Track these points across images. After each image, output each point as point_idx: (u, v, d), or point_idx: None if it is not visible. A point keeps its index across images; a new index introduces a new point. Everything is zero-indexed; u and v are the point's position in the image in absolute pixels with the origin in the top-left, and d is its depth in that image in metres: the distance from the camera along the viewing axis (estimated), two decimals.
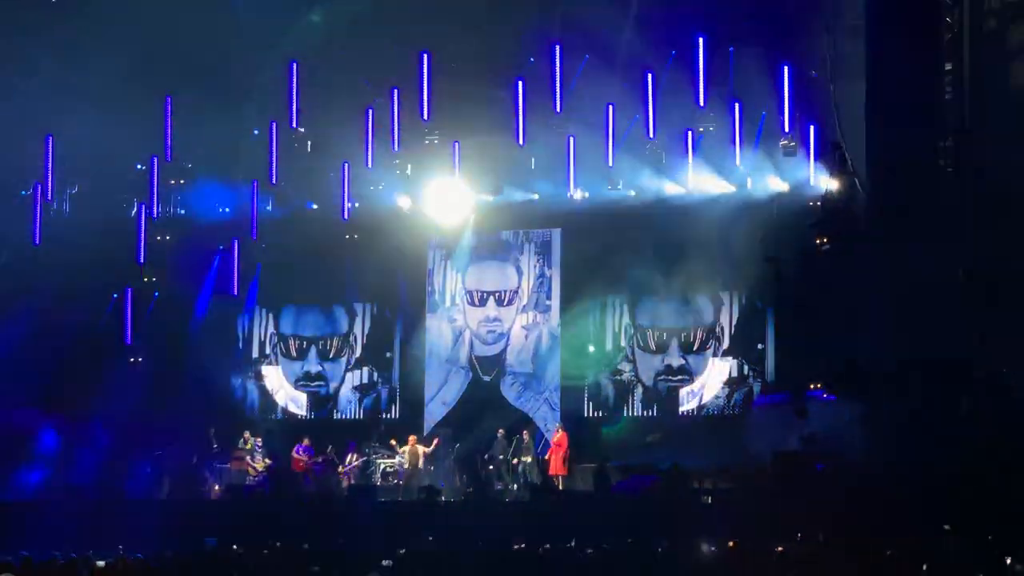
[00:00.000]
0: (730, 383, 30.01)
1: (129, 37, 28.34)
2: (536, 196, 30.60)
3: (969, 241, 23.22)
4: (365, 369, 32.69)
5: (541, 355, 31.25)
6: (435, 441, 29.81)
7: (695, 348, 30.36)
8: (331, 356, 32.92)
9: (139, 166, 31.13)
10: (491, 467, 29.23)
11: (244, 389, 33.19)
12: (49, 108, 29.80)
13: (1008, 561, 15.78)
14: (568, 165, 29.55)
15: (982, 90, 24.18)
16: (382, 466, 29.77)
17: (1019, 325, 23.49)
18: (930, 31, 23.67)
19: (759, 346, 29.90)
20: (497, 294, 31.75)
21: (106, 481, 29.72)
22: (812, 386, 27.20)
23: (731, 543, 19.43)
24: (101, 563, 17.47)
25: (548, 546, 20.81)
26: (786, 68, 26.66)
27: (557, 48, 27.66)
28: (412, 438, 29.54)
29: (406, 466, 29.13)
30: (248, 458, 30.14)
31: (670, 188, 29.36)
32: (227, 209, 31.68)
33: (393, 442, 29.92)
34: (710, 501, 25.73)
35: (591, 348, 30.98)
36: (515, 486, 28.73)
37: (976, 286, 22.94)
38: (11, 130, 29.25)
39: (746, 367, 29.95)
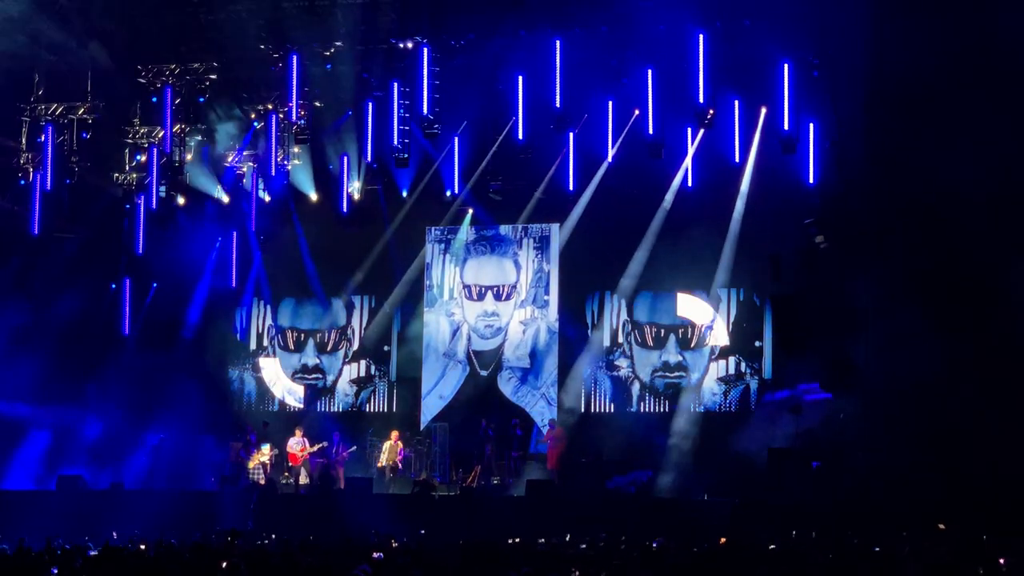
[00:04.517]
0: (727, 380, 29.95)
1: None
2: (536, 191, 30.58)
3: None
4: (363, 362, 32.70)
5: (539, 350, 31.21)
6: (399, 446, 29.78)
7: (692, 344, 30.29)
8: (329, 349, 32.93)
9: (138, 156, 31.20)
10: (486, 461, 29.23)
11: (241, 381, 33.20)
12: None
13: (1002, 561, 15.75)
14: (568, 160, 29.56)
15: None
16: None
17: None
18: None
19: (757, 343, 29.85)
20: (495, 288, 31.72)
21: (103, 471, 29.81)
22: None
23: (722, 540, 19.44)
24: (93, 552, 17.46)
25: (543, 540, 20.80)
26: (786, 65, 26.62)
27: (557, 43, 27.64)
28: (395, 433, 29.58)
29: (382, 463, 29.21)
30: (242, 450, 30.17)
31: (669, 184, 29.30)
32: (226, 200, 31.67)
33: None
34: (706, 497, 25.79)
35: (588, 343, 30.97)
36: (511, 480, 28.71)
37: None
38: None
39: (743, 364, 29.89)
